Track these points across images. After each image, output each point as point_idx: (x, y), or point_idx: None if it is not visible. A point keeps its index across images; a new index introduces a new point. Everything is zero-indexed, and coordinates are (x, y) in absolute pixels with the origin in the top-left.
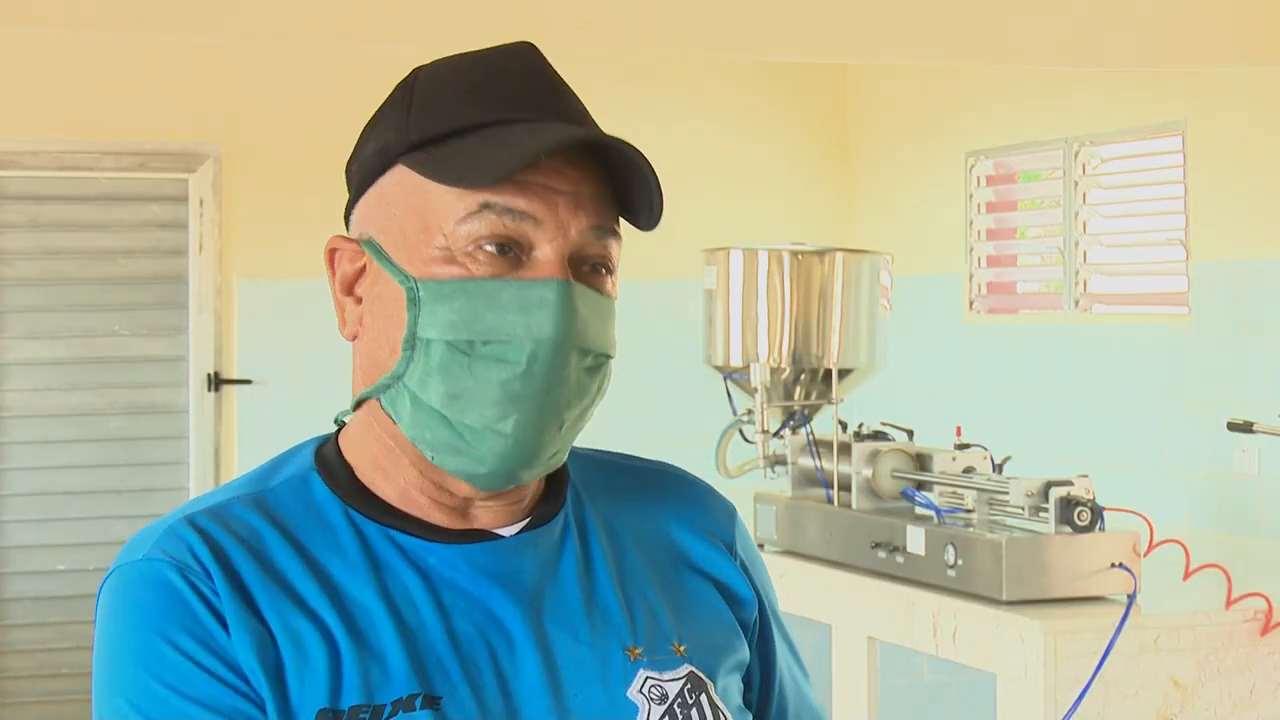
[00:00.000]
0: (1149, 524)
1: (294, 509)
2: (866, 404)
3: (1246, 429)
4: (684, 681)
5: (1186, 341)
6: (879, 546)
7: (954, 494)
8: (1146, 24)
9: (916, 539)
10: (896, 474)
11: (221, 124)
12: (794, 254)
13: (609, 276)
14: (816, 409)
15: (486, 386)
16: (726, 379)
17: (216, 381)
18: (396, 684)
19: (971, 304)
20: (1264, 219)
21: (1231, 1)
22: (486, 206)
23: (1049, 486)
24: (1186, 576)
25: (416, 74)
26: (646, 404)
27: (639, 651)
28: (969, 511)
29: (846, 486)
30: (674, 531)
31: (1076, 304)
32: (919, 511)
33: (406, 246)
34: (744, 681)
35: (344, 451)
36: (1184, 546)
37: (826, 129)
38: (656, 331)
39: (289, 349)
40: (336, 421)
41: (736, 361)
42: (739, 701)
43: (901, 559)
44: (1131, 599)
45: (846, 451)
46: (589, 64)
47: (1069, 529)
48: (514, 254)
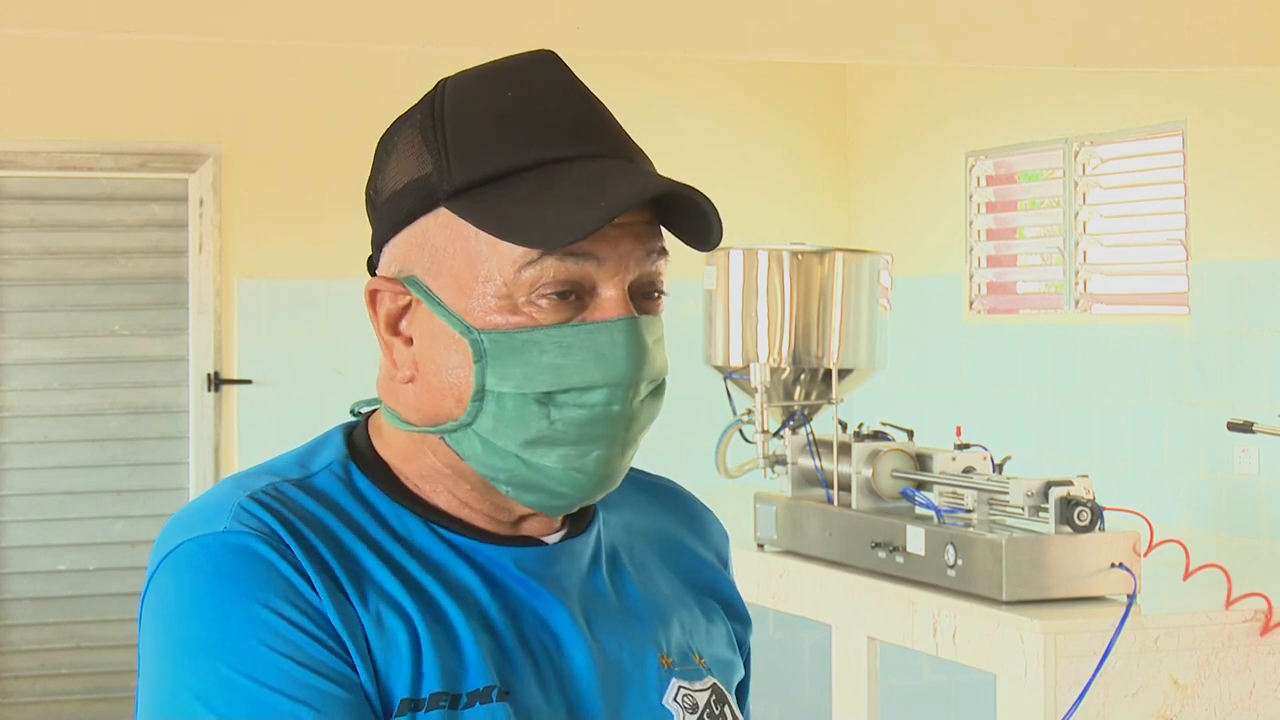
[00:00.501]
0: (1149, 524)
1: (340, 497)
2: (866, 404)
3: (1246, 429)
4: (709, 693)
5: (1186, 341)
6: (879, 546)
7: (954, 494)
8: (1146, 24)
9: (916, 539)
10: (896, 474)
11: (221, 124)
12: (794, 254)
13: (661, 298)
14: (816, 409)
15: (566, 431)
16: (726, 379)
17: (216, 381)
18: (473, 675)
19: (971, 304)
20: (1264, 219)
21: (1231, 1)
22: (547, 253)
23: (1049, 486)
24: (1186, 576)
25: (443, 92)
26: None
27: (672, 660)
28: (969, 511)
29: (846, 486)
30: (684, 547)
31: (1076, 304)
32: (919, 511)
33: (461, 294)
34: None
35: (378, 449)
36: (1184, 546)
37: (826, 129)
38: None
39: (289, 349)
40: (354, 411)
41: (736, 361)
42: (746, 715)
43: (901, 559)
44: (1131, 599)
45: (846, 451)
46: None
47: (1069, 529)
48: (575, 297)
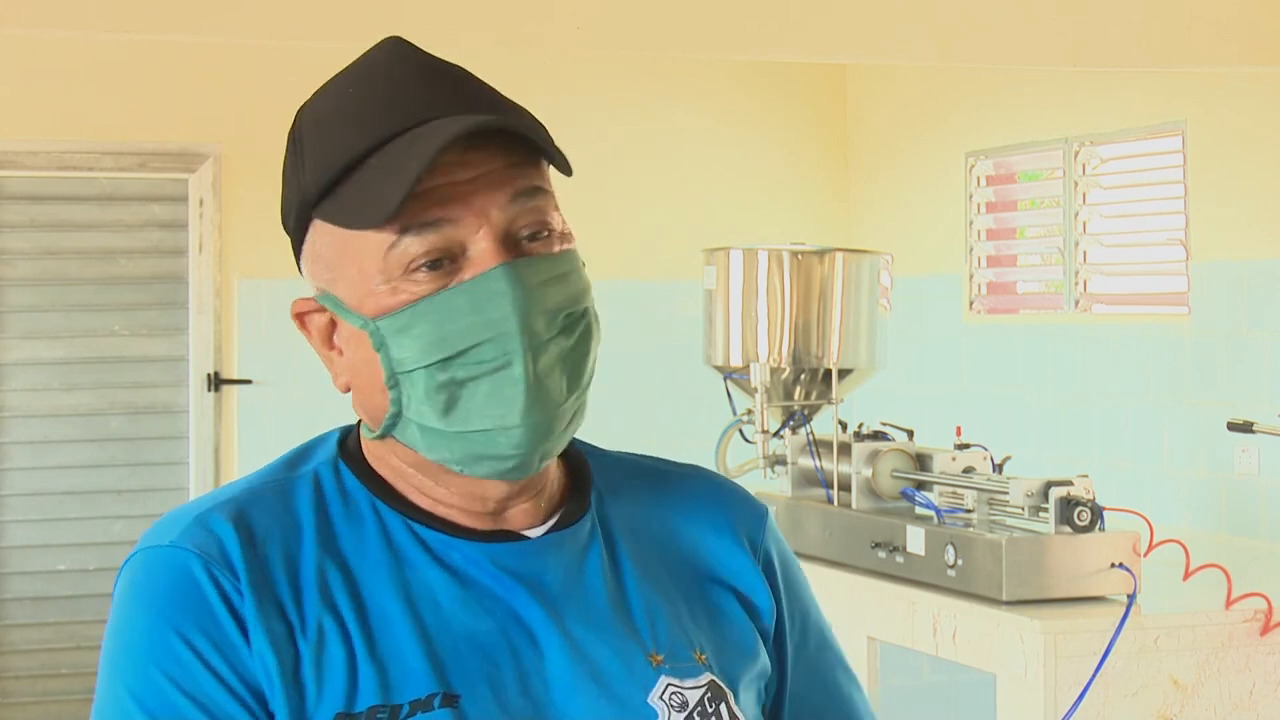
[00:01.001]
0: (1149, 524)
1: (322, 499)
2: (866, 404)
3: (1246, 429)
4: (704, 690)
5: (1186, 341)
6: (879, 546)
7: (954, 494)
8: (1146, 24)
9: (916, 539)
10: (896, 474)
11: (221, 124)
12: (794, 254)
13: (553, 235)
14: (816, 409)
15: (477, 392)
16: (726, 379)
17: (216, 381)
18: (414, 683)
19: (971, 304)
20: (1264, 219)
21: (1231, 1)
22: (404, 230)
23: (1049, 486)
24: (1186, 576)
25: (299, 117)
26: (646, 404)
27: (661, 658)
28: (969, 511)
29: (846, 486)
30: (698, 537)
31: (1076, 304)
32: (919, 511)
33: (354, 292)
34: (764, 689)
35: (366, 452)
36: (1184, 546)
37: (826, 129)
38: (656, 331)
39: (289, 349)
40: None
41: (736, 361)
42: (756, 712)
43: (901, 559)
44: (1131, 599)
45: (846, 451)
46: (589, 64)
47: (1069, 529)
48: (449, 261)
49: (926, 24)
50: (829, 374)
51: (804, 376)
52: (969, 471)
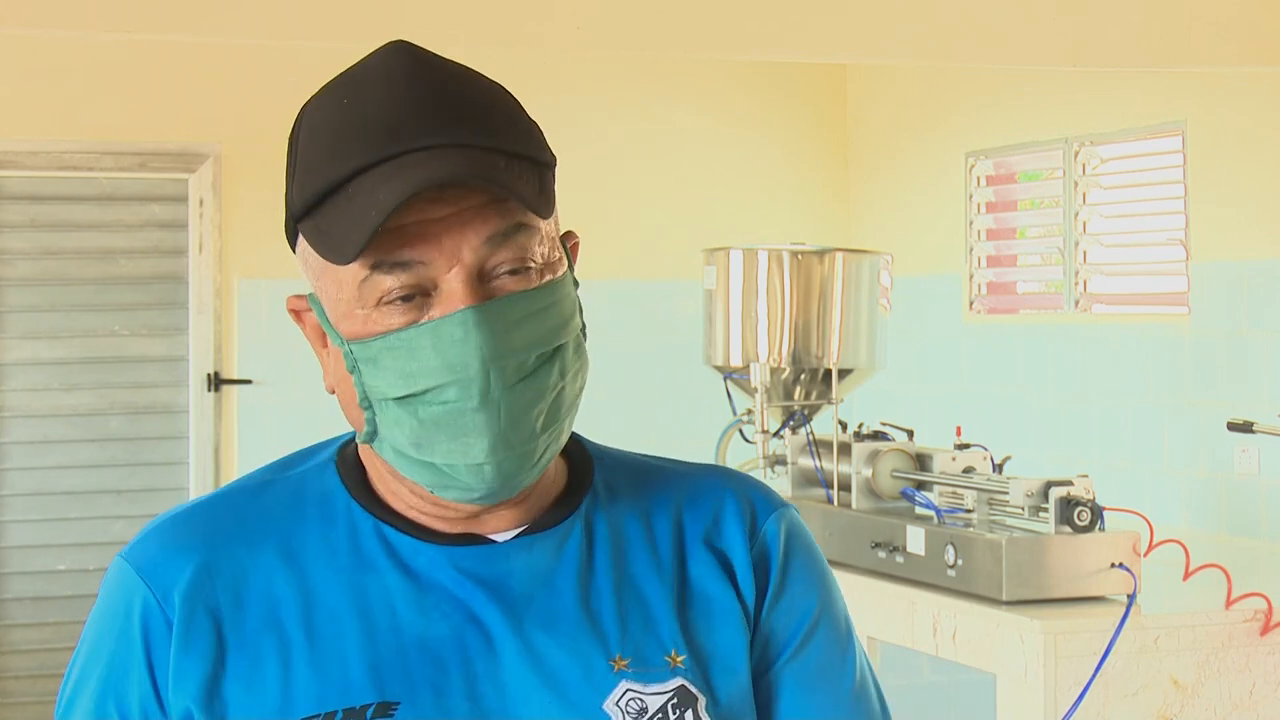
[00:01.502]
0: (1149, 524)
1: (299, 500)
2: (866, 404)
3: (1246, 429)
4: (670, 696)
5: (1186, 341)
6: (879, 546)
7: (954, 494)
8: (1146, 24)
9: (916, 539)
10: (896, 474)
11: (221, 124)
12: (794, 254)
13: (531, 270)
14: (816, 409)
15: (441, 430)
16: (726, 379)
17: (216, 381)
18: (352, 692)
19: (971, 304)
20: (1264, 219)
21: (1231, 1)
22: (375, 267)
23: (1049, 486)
24: (1186, 576)
25: (300, 120)
26: (646, 404)
27: (625, 662)
28: (969, 511)
29: (846, 486)
30: (702, 534)
31: (1076, 304)
32: (919, 511)
33: (333, 308)
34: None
35: (360, 451)
36: (1184, 546)
37: (826, 129)
38: (656, 331)
39: (289, 349)
40: None
41: (736, 361)
42: (748, 712)
43: (901, 559)
44: (1131, 599)
45: (846, 451)
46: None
47: (1069, 529)
48: (421, 295)
49: (926, 24)
50: (829, 374)
51: (804, 376)
52: (969, 471)
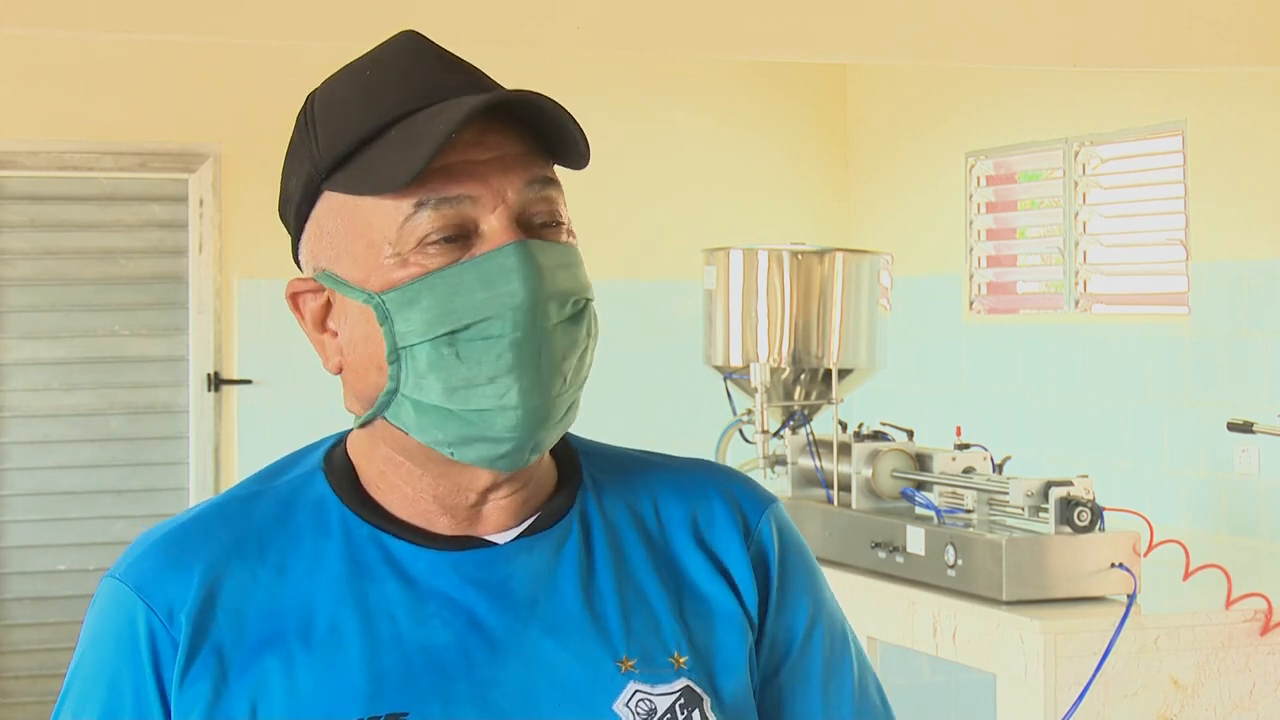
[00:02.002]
0: (1149, 524)
1: (289, 510)
2: (866, 404)
3: (1246, 429)
4: (677, 696)
5: (1186, 341)
6: (879, 546)
7: (954, 494)
8: (1146, 24)
9: (916, 539)
10: (896, 474)
11: (221, 124)
12: (794, 254)
13: (561, 227)
14: (816, 409)
15: (480, 368)
16: (726, 379)
17: (216, 381)
18: (360, 704)
19: (971, 304)
20: (1264, 219)
21: (1231, 1)
22: (421, 204)
23: (1049, 486)
24: (1186, 576)
25: (311, 99)
26: (646, 404)
27: (632, 663)
28: (969, 511)
29: (846, 486)
30: (690, 530)
31: (1076, 304)
32: (919, 511)
33: (359, 267)
34: (756, 686)
35: (351, 457)
36: (1184, 546)
37: (826, 129)
38: (656, 331)
39: (289, 349)
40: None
41: (736, 361)
42: (748, 711)
43: (901, 559)
44: (1131, 599)
45: (846, 451)
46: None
47: (1069, 529)
48: (461, 239)
49: (926, 24)
50: (829, 374)
51: (804, 376)
52: (969, 471)
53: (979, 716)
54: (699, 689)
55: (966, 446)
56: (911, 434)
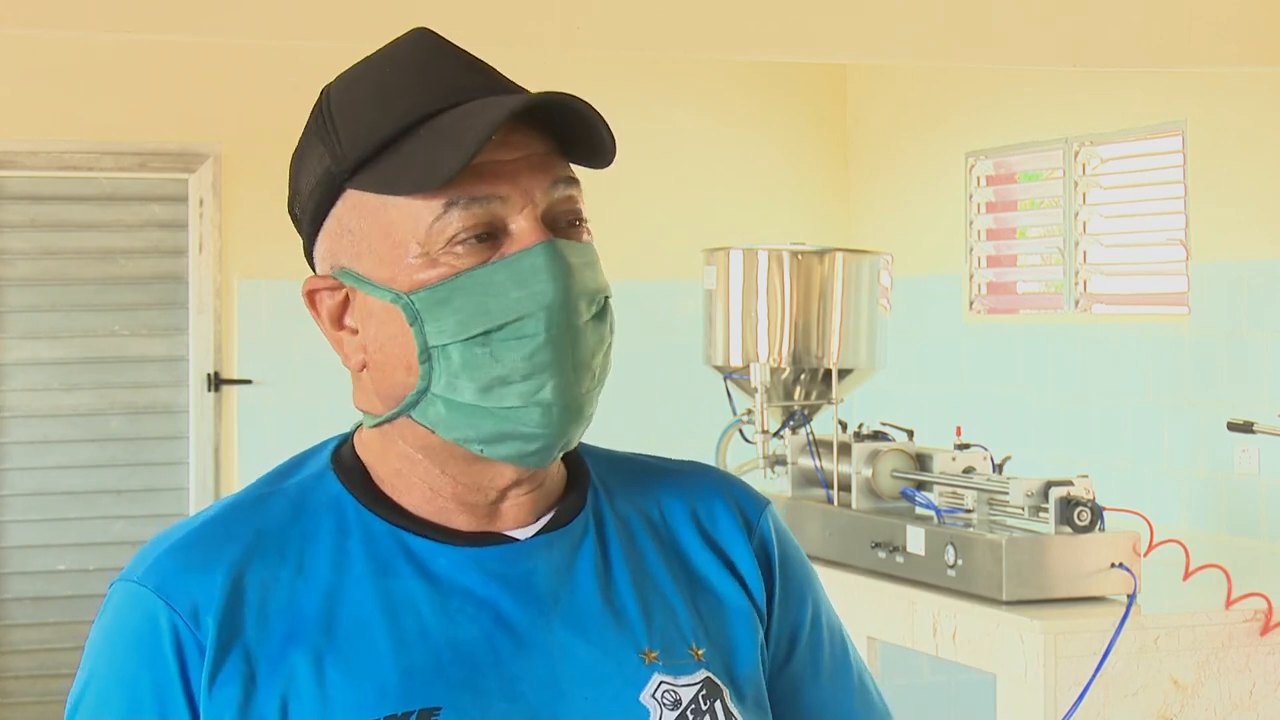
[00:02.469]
0: (1149, 524)
1: (303, 511)
2: (866, 404)
3: (1246, 429)
4: (699, 687)
5: (1186, 341)
6: (879, 546)
7: (954, 494)
8: (1146, 24)
9: (916, 539)
10: (896, 474)
11: (221, 124)
12: (794, 254)
13: (584, 225)
14: (816, 409)
15: (514, 366)
16: (726, 379)
17: (216, 381)
18: (391, 700)
19: (971, 304)
20: (1264, 219)
21: (1231, 1)
22: (451, 204)
23: (1049, 486)
24: (1186, 576)
25: (326, 95)
26: (646, 404)
27: (655, 655)
28: (969, 511)
29: (846, 486)
30: (697, 528)
31: (1076, 304)
32: (919, 511)
33: (384, 266)
34: (765, 680)
35: (361, 456)
36: (1184, 546)
37: (826, 129)
38: (656, 331)
39: (289, 349)
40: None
41: (736, 361)
42: (759, 704)
43: (901, 559)
44: (1131, 599)
45: (846, 451)
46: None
47: (1069, 529)
48: (490, 239)
49: (926, 24)
50: (829, 374)
51: (804, 376)
52: (969, 471)
53: (979, 716)
54: (718, 680)
55: (966, 446)
56: (911, 434)
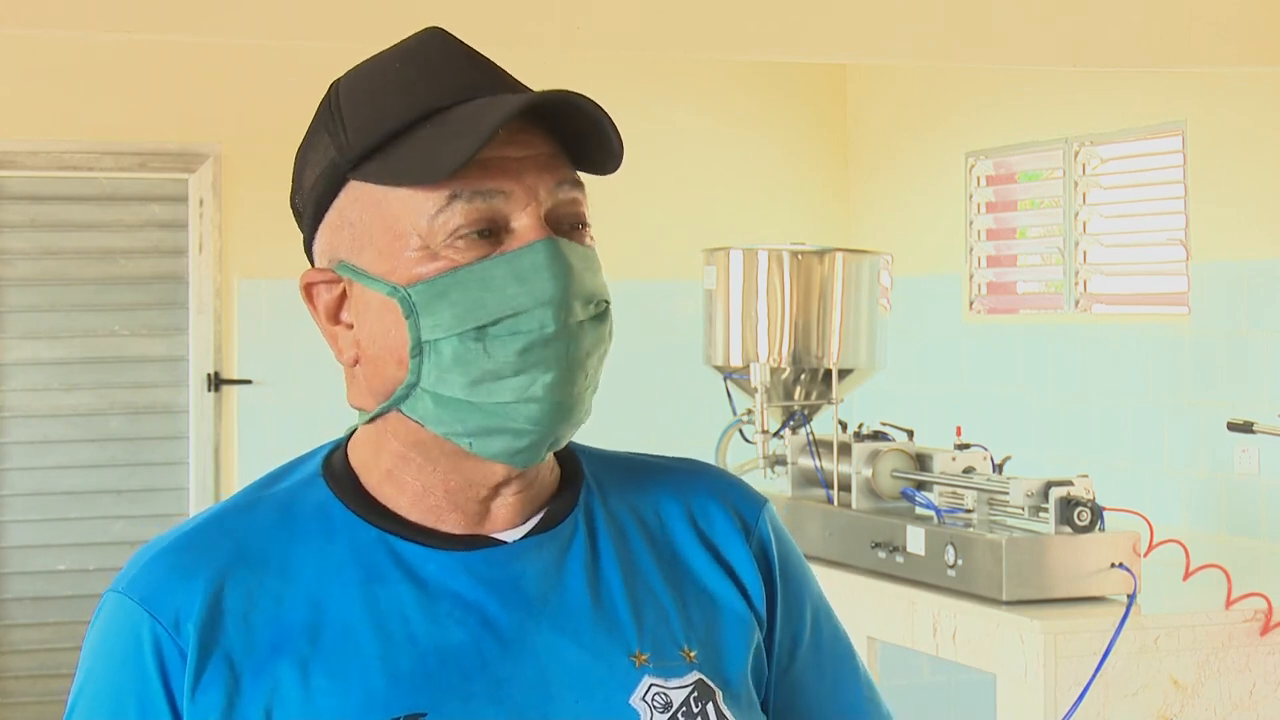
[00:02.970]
0: (1149, 524)
1: (290, 516)
2: (866, 404)
3: (1246, 429)
4: (691, 689)
5: (1186, 341)
6: (879, 546)
7: (954, 494)
8: (1146, 24)
9: (916, 539)
10: (896, 474)
11: (221, 124)
12: (794, 254)
13: (586, 230)
14: (816, 409)
15: (507, 362)
16: (726, 379)
17: (216, 381)
18: (377, 705)
19: (971, 304)
20: (1264, 219)
21: (1231, 1)
22: (455, 196)
23: (1049, 486)
24: (1186, 576)
25: (335, 88)
26: (646, 404)
27: (645, 657)
28: (969, 511)
29: (846, 486)
30: (692, 527)
31: (1076, 304)
32: (919, 511)
33: (383, 259)
34: (761, 683)
35: (351, 460)
36: (1184, 546)
37: (826, 129)
38: (656, 331)
39: (289, 349)
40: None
41: (736, 361)
42: (754, 706)
43: (901, 559)
44: (1131, 599)
45: (846, 451)
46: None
47: (1069, 529)
48: (491, 234)
49: (926, 24)
50: (829, 374)
51: (804, 376)
52: (969, 471)
53: (979, 716)
54: (710, 682)
55: (966, 446)
56: (911, 434)
